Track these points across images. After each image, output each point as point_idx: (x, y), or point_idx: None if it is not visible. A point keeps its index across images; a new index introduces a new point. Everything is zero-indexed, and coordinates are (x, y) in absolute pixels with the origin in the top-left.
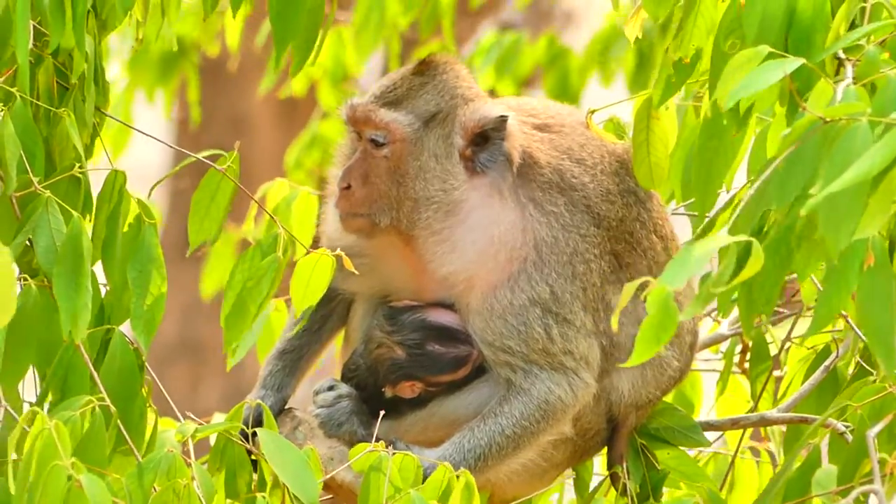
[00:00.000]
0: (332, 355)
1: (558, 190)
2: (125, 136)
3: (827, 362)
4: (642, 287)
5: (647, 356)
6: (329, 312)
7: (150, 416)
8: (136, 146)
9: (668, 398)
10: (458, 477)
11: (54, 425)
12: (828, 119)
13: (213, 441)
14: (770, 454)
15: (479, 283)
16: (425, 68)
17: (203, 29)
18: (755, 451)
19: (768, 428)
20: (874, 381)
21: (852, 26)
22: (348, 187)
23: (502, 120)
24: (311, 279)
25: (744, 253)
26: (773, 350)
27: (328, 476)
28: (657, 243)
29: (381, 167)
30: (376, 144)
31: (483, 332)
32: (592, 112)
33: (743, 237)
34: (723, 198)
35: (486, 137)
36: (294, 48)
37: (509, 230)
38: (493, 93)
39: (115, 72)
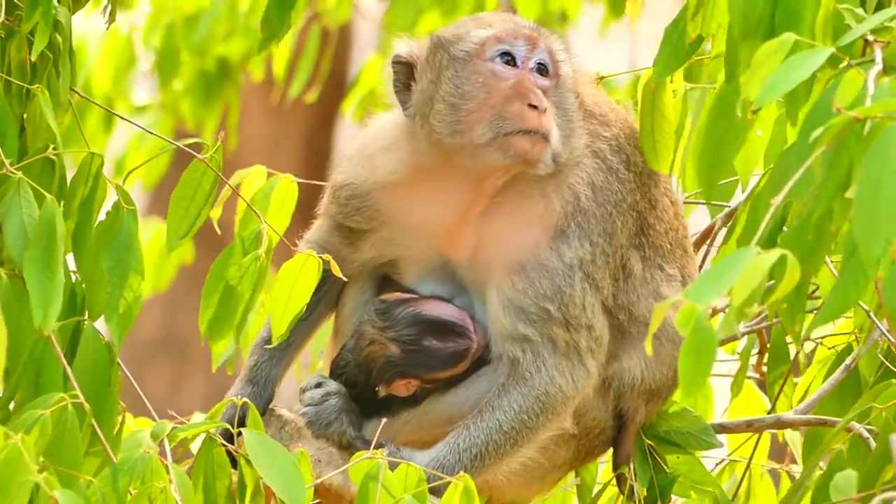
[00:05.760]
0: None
1: (600, 123)
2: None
3: (848, 361)
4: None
5: (698, 387)
6: (318, 299)
7: (121, 414)
8: (117, 133)
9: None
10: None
11: (21, 439)
12: (862, 117)
13: (194, 442)
14: (790, 475)
15: (520, 241)
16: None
17: (250, 50)
18: (774, 472)
19: (789, 441)
20: None
21: (878, 6)
22: (546, 110)
23: None
24: (295, 287)
25: (777, 263)
26: (792, 350)
27: (318, 481)
28: (670, 208)
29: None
30: (542, 72)
31: (514, 297)
32: (601, 79)
33: (778, 251)
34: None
35: None
36: (260, 25)
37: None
38: None
39: (143, 95)
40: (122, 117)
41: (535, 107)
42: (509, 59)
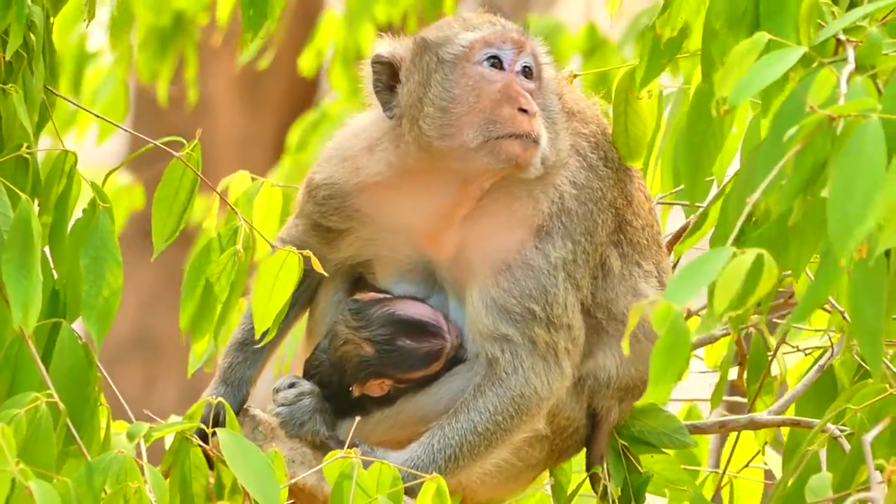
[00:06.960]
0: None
1: (579, 121)
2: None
3: (822, 361)
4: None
5: (667, 387)
6: (294, 300)
7: (102, 417)
8: (93, 130)
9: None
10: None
11: (0, 430)
12: (835, 116)
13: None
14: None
15: (505, 241)
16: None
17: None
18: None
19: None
20: (872, 381)
21: (852, 5)
22: (535, 113)
23: None
24: (276, 284)
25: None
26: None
27: (292, 481)
28: (645, 204)
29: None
30: (527, 75)
31: (498, 297)
32: (574, 76)
33: (754, 251)
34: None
35: None
36: (243, 16)
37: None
38: None
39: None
40: (98, 116)
41: (524, 110)
42: (496, 62)
